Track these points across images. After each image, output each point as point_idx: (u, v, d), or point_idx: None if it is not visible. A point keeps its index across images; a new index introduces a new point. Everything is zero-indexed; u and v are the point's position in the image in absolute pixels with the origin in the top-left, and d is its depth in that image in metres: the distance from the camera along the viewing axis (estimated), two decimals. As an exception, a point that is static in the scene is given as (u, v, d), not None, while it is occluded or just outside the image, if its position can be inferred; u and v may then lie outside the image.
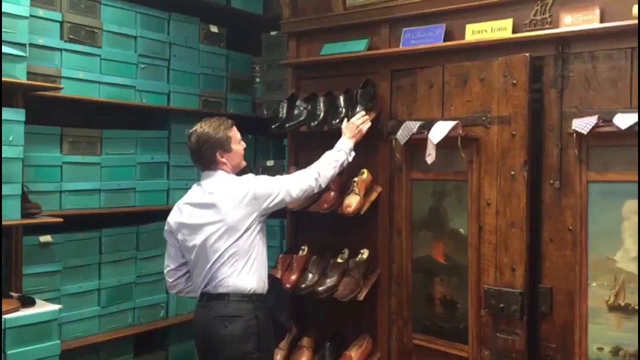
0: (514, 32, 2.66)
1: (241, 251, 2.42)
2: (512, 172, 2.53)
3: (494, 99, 2.60)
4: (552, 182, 2.53)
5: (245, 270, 2.42)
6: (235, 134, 2.56)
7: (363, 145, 3.11)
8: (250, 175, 2.58)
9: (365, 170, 3.05)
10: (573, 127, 2.38)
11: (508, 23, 2.67)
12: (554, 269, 2.52)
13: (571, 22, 2.52)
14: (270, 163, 3.96)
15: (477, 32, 2.75)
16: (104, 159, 3.27)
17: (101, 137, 3.27)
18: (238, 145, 2.57)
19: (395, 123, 2.95)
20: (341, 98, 3.07)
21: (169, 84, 3.60)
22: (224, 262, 2.40)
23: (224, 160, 2.52)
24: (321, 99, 3.14)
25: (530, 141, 2.52)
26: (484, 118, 2.63)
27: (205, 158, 2.51)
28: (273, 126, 3.16)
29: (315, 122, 3.07)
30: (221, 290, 2.40)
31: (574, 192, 2.46)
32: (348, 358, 2.96)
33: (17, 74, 2.59)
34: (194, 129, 2.53)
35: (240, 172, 2.63)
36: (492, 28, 2.71)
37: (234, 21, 4.07)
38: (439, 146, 2.61)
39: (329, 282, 2.95)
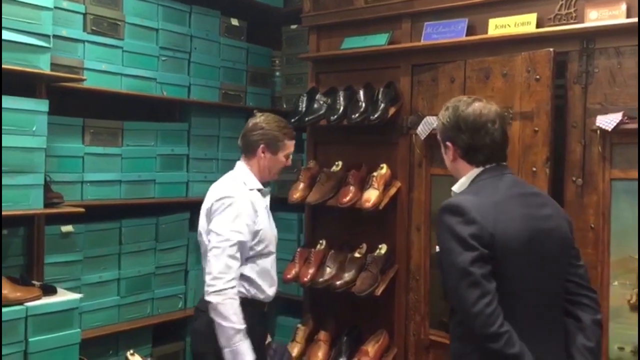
0: (537, 26, 2.63)
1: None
2: (534, 169, 2.51)
3: (517, 95, 2.58)
4: (574, 179, 2.50)
5: None
6: (289, 146, 2.47)
7: (383, 140, 3.11)
8: (236, 199, 2.28)
9: (384, 165, 3.04)
10: (597, 124, 2.35)
11: (532, 17, 2.64)
12: (575, 267, 2.48)
13: (596, 17, 2.48)
14: (289, 157, 3.96)
15: (500, 26, 2.73)
16: (124, 150, 3.29)
17: (122, 128, 3.29)
18: (283, 157, 2.45)
19: (416, 118, 2.94)
20: (361, 92, 3.06)
21: (189, 76, 3.61)
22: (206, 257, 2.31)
23: (262, 155, 2.40)
24: (341, 93, 3.13)
25: (552, 137, 2.49)
26: (506, 114, 2.60)
27: (249, 142, 2.41)
28: (292, 120, 3.16)
29: (335, 116, 3.06)
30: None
31: (596, 190, 2.43)
32: (365, 353, 2.96)
33: (41, 64, 2.62)
34: (268, 113, 2.49)
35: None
36: (515, 22, 2.68)
37: (254, 14, 4.07)
38: (460, 141, 2.58)
39: (347, 276, 2.94)
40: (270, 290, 2.41)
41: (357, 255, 3.03)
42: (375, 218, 3.03)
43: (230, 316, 2.18)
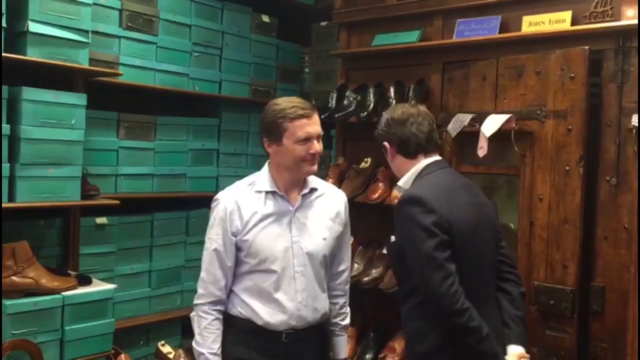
0: (572, 24, 2.60)
1: None
2: (567, 168, 2.49)
3: (550, 93, 2.56)
4: (608, 178, 2.47)
5: None
6: (296, 128, 1.95)
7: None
8: (219, 202, 2.05)
9: (414, 162, 3.04)
10: (633, 123, 2.33)
11: (567, 15, 2.62)
12: (607, 268, 2.46)
13: (633, 14, 2.45)
14: (317, 153, 3.98)
15: (534, 24, 2.71)
16: (157, 144, 3.35)
17: (155, 123, 3.35)
18: (294, 142, 1.96)
19: (446, 115, 2.93)
20: (392, 89, 3.06)
21: (220, 72, 3.65)
22: None
23: (270, 151, 2.05)
24: (371, 90, 3.13)
25: (586, 136, 2.46)
26: (539, 112, 2.58)
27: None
28: (322, 116, 3.13)
29: (365, 113, 3.07)
30: None
31: (631, 190, 2.40)
32: (391, 349, 2.96)
33: (79, 59, 2.68)
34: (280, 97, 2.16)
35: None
36: (550, 20, 2.66)
37: (285, 11, 4.09)
38: (491, 139, 2.58)
39: (375, 272, 2.96)
40: (271, 316, 1.98)
41: (385, 252, 3.04)
42: (405, 215, 3.03)
43: (195, 335, 2.01)
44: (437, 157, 2.09)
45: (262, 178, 2.06)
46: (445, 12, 3.02)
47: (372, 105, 3.08)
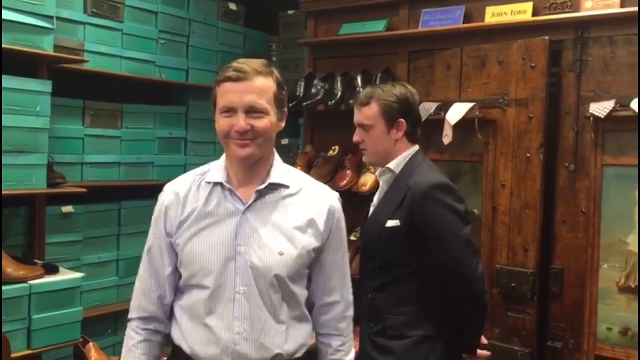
0: (533, 15, 2.68)
1: None
2: (528, 154, 2.57)
3: (512, 82, 2.63)
4: (567, 164, 2.56)
5: None
6: (220, 93, 1.52)
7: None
8: (160, 197, 1.66)
9: (381, 150, 3.09)
10: (590, 111, 2.42)
11: (528, 6, 2.70)
12: (566, 250, 2.56)
13: (591, 6, 2.54)
14: (284, 142, 4.00)
15: (496, 14, 2.78)
16: (124, 132, 3.32)
17: (122, 111, 3.32)
18: (218, 113, 1.53)
19: (412, 104, 2.98)
20: (359, 78, 3.10)
21: (187, 60, 3.64)
22: None
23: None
24: (339, 79, 3.17)
25: (546, 124, 2.55)
26: (501, 100, 2.66)
27: None
28: (290, 104, 3.19)
29: (333, 101, 3.10)
30: None
31: (588, 175, 2.50)
32: (357, 332, 3.02)
33: (44, 45, 2.63)
34: None
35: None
36: (512, 11, 2.74)
37: (252, -1, 4.09)
38: (456, 127, 2.65)
39: (343, 258, 3.00)
40: (200, 346, 1.53)
41: (352, 238, 3.09)
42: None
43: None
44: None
45: (216, 166, 1.61)
46: (411, 2, 3.08)
47: (339, 93, 3.12)
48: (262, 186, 1.56)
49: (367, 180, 2.97)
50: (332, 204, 1.64)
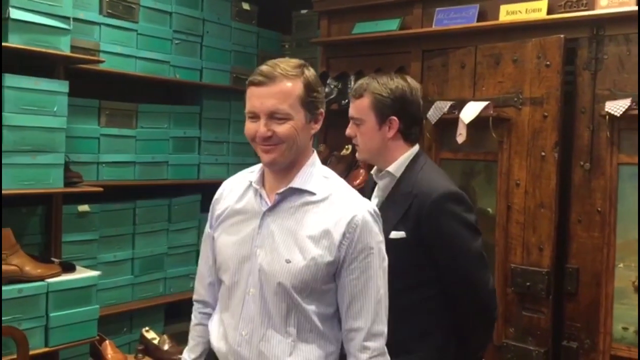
0: (548, 13, 2.67)
1: None
2: (543, 153, 2.56)
3: (527, 80, 2.62)
4: (582, 163, 2.55)
5: None
6: (247, 98, 1.50)
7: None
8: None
9: (394, 149, 3.09)
10: (606, 110, 2.40)
11: (543, 4, 2.68)
12: (581, 250, 2.55)
13: (607, 4, 2.52)
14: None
15: (511, 12, 2.77)
16: (139, 132, 3.34)
17: (137, 110, 3.34)
18: (246, 117, 1.52)
19: (425, 103, 2.97)
20: (372, 77, 3.10)
21: (201, 60, 3.65)
22: None
23: None
24: (352, 78, 3.18)
25: (561, 123, 2.54)
26: (515, 99, 2.65)
27: None
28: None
29: (346, 101, 3.11)
30: None
31: (604, 174, 2.49)
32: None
33: (61, 46, 2.66)
34: None
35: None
36: (526, 9, 2.73)
37: (265, -1, 4.11)
38: (470, 126, 2.65)
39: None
40: (216, 339, 1.58)
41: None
42: (385, 201, 3.08)
43: None
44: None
45: (260, 167, 1.61)
46: (424, 1, 3.08)
47: (353, 92, 3.12)
48: (283, 189, 1.52)
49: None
50: (355, 216, 1.47)
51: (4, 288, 2.42)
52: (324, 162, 3.25)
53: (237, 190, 1.61)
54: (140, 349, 3.00)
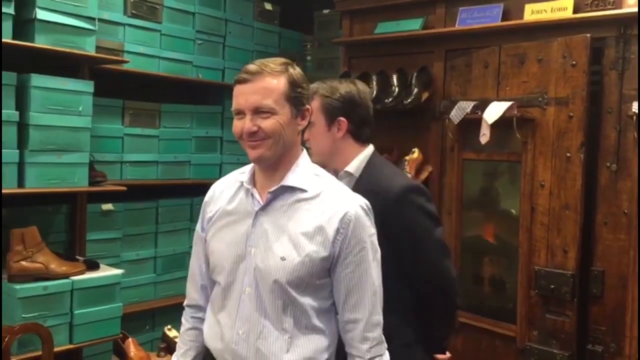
0: (574, 12, 2.63)
1: None
2: (568, 154, 2.53)
3: (552, 80, 2.59)
4: (608, 164, 2.51)
5: None
6: (233, 96, 1.56)
7: (415, 125, 3.14)
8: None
9: (416, 150, 3.07)
10: (633, 110, 2.36)
11: (569, 3, 2.65)
12: (607, 252, 2.51)
13: (634, 2, 2.48)
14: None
15: (536, 12, 2.74)
16: (161, 132, 3.38)
17: (159, 110, 3.38)
18: (234, 116, 1.57)
19: (448, 103, 2.96)
20: (394, 77, 3.09)
21: (224, 60, 3.67)
22: None
23: None
24: (374, 78, 3.16)
25: (587, 123, 2.50)
26: (540, 99, 2.62)
27: None
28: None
29: (368, 101, 3.09)
30: None
31: (631, 176, 2.45)
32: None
33: (86, 46, 2.69)
34: None
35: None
36: (552, 8, 2.69)
37: (287, -1, 4.12)
38: (493, 127, 2.62)
39: (378, 258, 2.99)
40: (211, 339, 1.60)
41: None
42: (407, 201, 3.06)
43: None
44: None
45: (250, 167, 1.63)
46: (447, 0, 3.05)
47: (374, 93, 3.11)
48: (274, 188, 1.53)
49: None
50: (348, 212, 1.50)
51: (30, 285, 2.46)
52: (346, 162, 3.25)
53: (228, 192, 1.62)
54: (162, 347, 3.02)
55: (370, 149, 1.95)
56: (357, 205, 1.53)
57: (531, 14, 2.75)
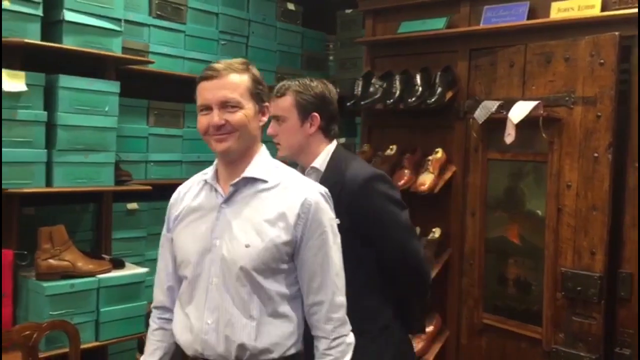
0: (602, 10, 2.59)
1: None
2: (596, 155, 2.49)
3: (579, 79, 2.55)
4: (637, 165, 2.47)
5: None
6: (198, 93, 1.64)
7: (438, 124, 3.12)
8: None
9: (439, 149, 3.06)
10: (663, 109, 2.32)
11: (596, 1, 2.61)
12: (636, 254, 2.47)
13: (665, 0, 2.43)
14: (342, 140, 4.01)
15: (563, 10, 2.70)
16: (185, 131, 3.40)
17: (184, 110, 3.40)
18: (198, 112, 1.64)
19: (472, 102, 2.94)
20: (418, 76, 3.07)
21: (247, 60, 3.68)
22: None
23: None
24: (397, 77, 3.15)
25: (616, 123, 2.46)
26: (567, 98, 2.58)
27: None
28: (348, 103, 3.20)
29: (391, 100, 3.08)
30: None
31: (660, 176, 2.40)
32: (417, 336, 3.00)
33: (113, 47, 2.73)
34: None
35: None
36: (579, 6, 2.65)
37: (310, -1, 4.12)
38: (519, 126, 2.59)
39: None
40: (180, 333, 1.64)
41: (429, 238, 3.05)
42: (430, 202, 3.05)
43: None
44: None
45: (214, 165, 1.69)
46: (472, -1, 3.03)
47: (398, 92, 3.10)
48: (236, 180, 1.61)
49: (425, 179, 2.95)
50: (307, 198, 1.59)
51: (57, 283, 2.49)
52: (368, 162, 3.24)
53: (192, 191, 1.70)
54: (186, 345, 3.04)
55: (334, 143, 2.04)
56: (316, 191, 1.62)
57: (557, 12, 2.71)
